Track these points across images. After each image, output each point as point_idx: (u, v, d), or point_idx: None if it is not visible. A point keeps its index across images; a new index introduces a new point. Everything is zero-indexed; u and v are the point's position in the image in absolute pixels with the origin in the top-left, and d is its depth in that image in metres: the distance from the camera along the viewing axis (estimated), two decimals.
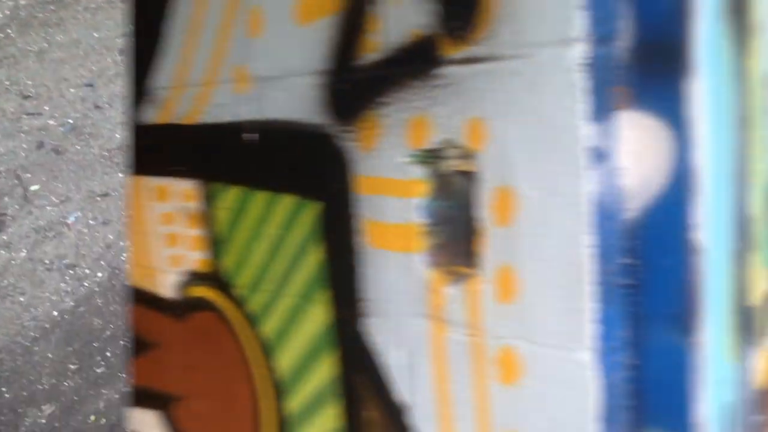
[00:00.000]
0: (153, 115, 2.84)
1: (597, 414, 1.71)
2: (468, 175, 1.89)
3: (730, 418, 1.75)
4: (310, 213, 2.30)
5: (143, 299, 3.02)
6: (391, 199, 2.06)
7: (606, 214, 1.67)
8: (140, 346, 3.08)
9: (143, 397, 3.11)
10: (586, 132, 1.65)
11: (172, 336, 2.93)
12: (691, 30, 1.59)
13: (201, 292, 2.77)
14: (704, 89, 1.61)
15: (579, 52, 1.64)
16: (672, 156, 1.63)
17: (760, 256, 1.77)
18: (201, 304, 2.78)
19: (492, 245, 1.83)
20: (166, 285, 2.89)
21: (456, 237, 1.96)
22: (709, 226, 1.65)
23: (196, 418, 2.89)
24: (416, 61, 1.95)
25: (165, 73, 2.78)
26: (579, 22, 1.63)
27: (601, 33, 1.63)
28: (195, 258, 2.76)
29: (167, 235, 2.87)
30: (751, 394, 1.80)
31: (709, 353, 1.68)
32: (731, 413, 1.75)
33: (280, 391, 2.49)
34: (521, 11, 1.72)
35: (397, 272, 2.07)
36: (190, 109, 2.66)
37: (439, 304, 1.97)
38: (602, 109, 1.65)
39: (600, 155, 1.65)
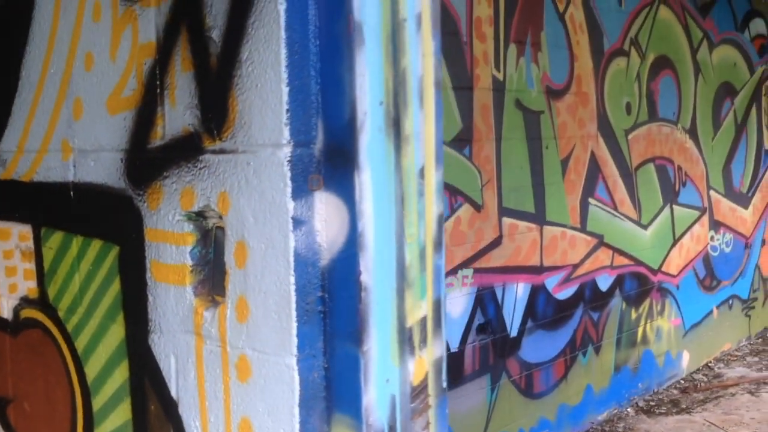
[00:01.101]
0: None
1: (300, 402, 2.40)
2: (221, 231, 2.58)
3: (394, 405, 2.46)
4: (113, 254, 2.93)
5: None
6: (170, 246, 2.72)
7: (306, 262, 2.38)
8: None
9: None
10: (292, 206, 2.36)
11: (7, 349, 3.52)
12: (359, 140, 2.32)
13: (31, 313, 3.35)
14: (369, 179, 2.33)
15: (287, 152, 2.35)
16: (348, 224, 2.35)
17: (415, 292, 2.50)
18: (31, 323, 3.35)
19: (233, 281, 2.52)
20: (4, 308, 3.49)
21: (213, 275, 2.65)
22: (374, 272, 2.37)
23: (26, 416, 3.47)
24: (186, 149, 2.62)
25: (11, 141, 3.37)
26: (286, 133, 2.35)
27: (302, 140, 2.35)
28: (27, 286, 3.36)
29: (6, 267, 3.47)
30: (409, 389, 2.51)
31: (377, 359, 2.40)
32: (395, 402, 2.47)
33: (90, 392, 3.11)
34: (251, 123, 2.42)
35: (173, 300, 2.72)
36: (28, 169, 3.27)
37: (200, 324, 2.64)
38: (302, 191, 2.36)
39: (301, 222, 2.37)
